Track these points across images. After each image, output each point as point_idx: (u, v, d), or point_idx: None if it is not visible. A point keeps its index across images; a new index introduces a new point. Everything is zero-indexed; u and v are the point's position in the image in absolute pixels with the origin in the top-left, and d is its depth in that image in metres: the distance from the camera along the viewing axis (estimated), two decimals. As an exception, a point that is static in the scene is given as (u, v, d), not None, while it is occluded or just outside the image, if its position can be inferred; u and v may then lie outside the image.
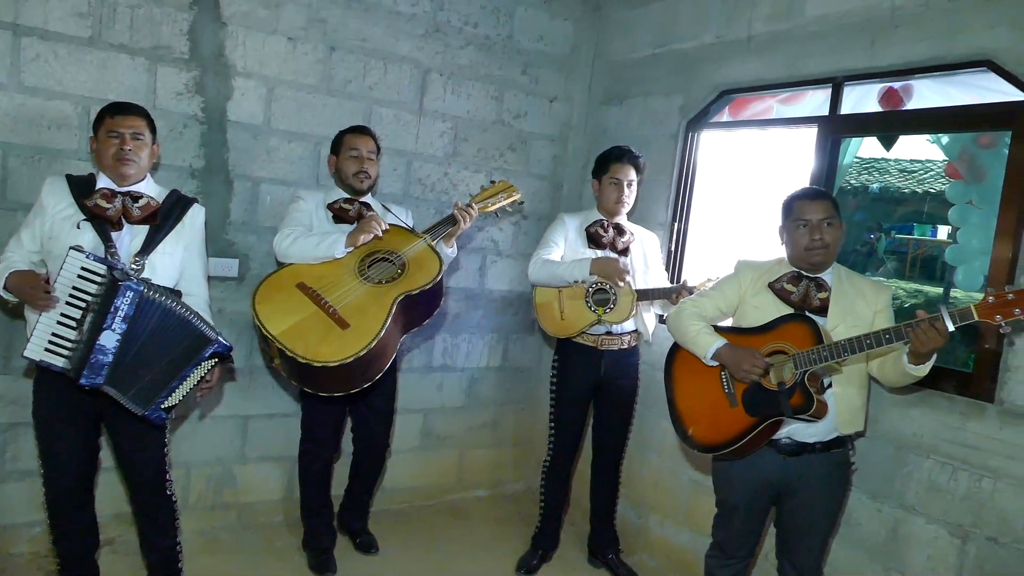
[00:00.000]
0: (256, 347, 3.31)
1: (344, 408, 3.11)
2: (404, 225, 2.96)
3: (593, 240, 3.13)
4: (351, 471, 3.30)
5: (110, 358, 2.11)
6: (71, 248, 2.11)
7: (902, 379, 2.15)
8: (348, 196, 2.96)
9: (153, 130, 2.42)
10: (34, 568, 2.85)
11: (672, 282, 3.42)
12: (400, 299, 2.60)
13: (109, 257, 2.19)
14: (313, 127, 3.35)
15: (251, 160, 3.23)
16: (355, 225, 2.82)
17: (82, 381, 2.10)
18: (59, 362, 2.13)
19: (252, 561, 3.12)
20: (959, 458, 2.41)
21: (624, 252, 3.15)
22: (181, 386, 2.24)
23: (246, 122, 3.20)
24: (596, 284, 3.04)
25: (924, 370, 2.06)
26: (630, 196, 3.14)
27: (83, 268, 2.11)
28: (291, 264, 2.72)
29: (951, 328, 1.90)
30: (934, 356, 2.04)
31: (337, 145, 2.99)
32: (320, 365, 2.42)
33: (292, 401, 3.45)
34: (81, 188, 2.30)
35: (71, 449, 2.33)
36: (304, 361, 2.43)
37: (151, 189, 2.40)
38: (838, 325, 2.20)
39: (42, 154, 2.83)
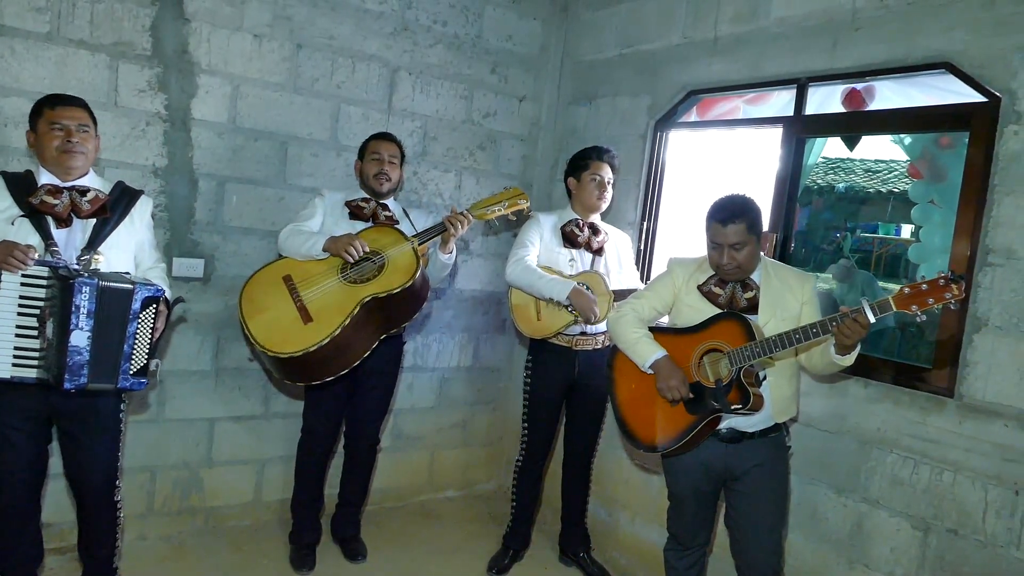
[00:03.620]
0: (222, 348, 3.28)
1: (346, 403, 3.13)
2: (398, 229, 2.97)
3: (568, 239, 3.12)
4: (343, 474, 3.29)
5: (86, 356, 2.08)
6: None
7: (829, 368, 2.24)
8: (367, 196, 3.06)
9: (95, 122, 2.34)
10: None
11: (644, 281, 3.44)
12: (367, 300, 2.66)
13: (50, 256, 2.12)
14: (279, 125, 3.30)
15: (216, 159, 3.18)
16: (368, 225, 2.95)
17: (66, 386, 2.06)
18: (31, 374, 2.09)
19: (219, 566, 3.07)
20: (920, 452, 2.46)
21: (599, 252, 3.15)
22: (136, 345, 2.16)
23: (211, 120, 3.15)
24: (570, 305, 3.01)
25: (850, 360, 2.17)
26: (609, 193, 3.15)
27: (23, 275, 2.07)
28: (286, 257, 2.85)
29: (872, 319, 1.99)
30: (859, 346, 2.14)
31: (362, 150, 3.12)
32: (272, 355, 2.60)
33: (259, 403, 3.41)
34: (20, 185, 2.20)
35: (21, 459, 2.24)
36: (260, 349, 2.63)
37: (96, 182, 2.33)
38: (769, 320, 2.27)
39: (-2, 152, 2.76)
